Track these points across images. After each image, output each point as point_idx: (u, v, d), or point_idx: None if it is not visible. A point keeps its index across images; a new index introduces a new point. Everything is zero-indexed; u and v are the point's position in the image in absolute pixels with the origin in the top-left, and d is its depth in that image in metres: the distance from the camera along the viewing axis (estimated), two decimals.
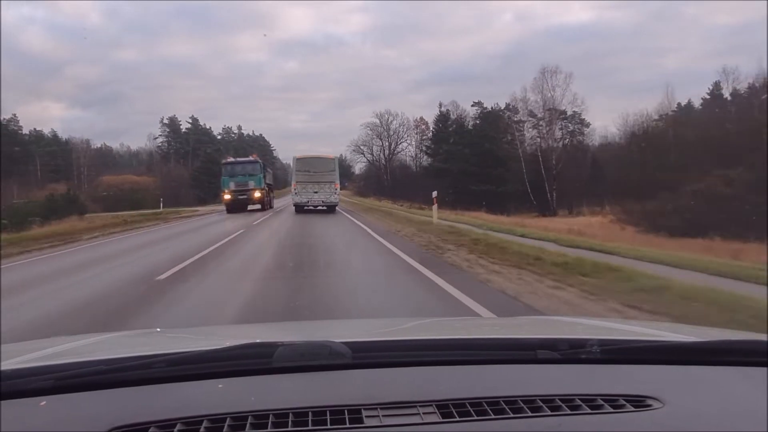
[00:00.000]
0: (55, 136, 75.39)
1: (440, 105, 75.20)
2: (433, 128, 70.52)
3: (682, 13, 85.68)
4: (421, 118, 79.73)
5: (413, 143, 79.31)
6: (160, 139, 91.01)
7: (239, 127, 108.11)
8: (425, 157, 72.64)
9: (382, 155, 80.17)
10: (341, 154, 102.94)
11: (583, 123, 56.56)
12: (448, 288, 6.38)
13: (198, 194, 63.18)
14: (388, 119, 79.49)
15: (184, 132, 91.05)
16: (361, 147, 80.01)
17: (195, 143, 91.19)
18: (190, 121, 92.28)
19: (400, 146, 79.74)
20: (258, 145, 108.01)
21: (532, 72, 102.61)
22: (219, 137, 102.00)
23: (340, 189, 26.19)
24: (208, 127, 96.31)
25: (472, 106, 70.30)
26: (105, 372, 1.08)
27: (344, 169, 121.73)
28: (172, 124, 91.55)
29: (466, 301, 5.63)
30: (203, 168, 69.30)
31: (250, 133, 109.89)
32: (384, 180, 76.03)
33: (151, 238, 16.41)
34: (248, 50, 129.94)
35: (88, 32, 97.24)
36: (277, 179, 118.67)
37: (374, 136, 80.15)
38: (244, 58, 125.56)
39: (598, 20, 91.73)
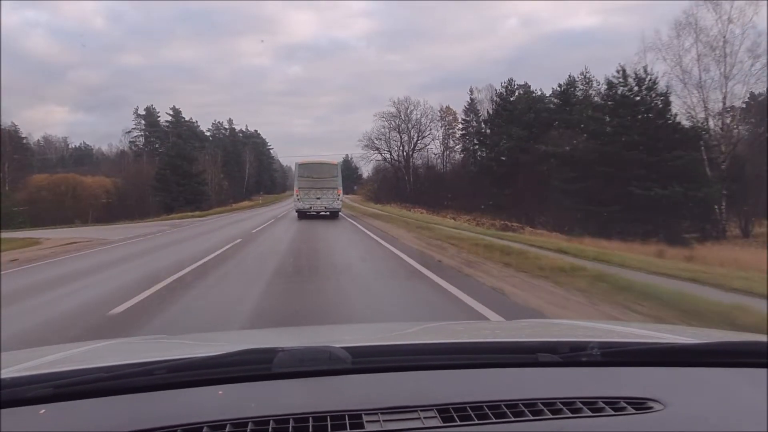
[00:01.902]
0: None
1: (471, 91, 60.57)
2: (492, 109, 54.04)
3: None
4: (448, 108, 65.17)
5: (439, 137, 64.72)
6: (134, 133, 76.35)
7: (230, 121, 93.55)
8: (477, 150, 57.75)
9: (401, 152, 65.58)
10: (347, 155, 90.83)
11: (666, 98, 33.00)
12: None
13: (163, 200, 48.34)
14: (407, 108, 64.93)
15: (164, 125, 76.52)
16: (376, 141, 65.37)
17: (176, 138, 76.74)
18: (171, 113, 77.75)
19: (422, 141, 65.21)
20: (253, 143, 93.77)
21: (536, 75, 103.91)
22: (208, 133, 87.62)
23: (350, 194, 25.14)
24: (194, 121, 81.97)
25: (516, 89, 55.74)
26: (105, 379, 1.07)
27: (351, 171, 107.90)
28: (149, 115, 76.81)
29: None
30: (170, 165, 52.88)
31: (243, 129, 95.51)
32: (406, 182, 61.37)
33: None
34: (252, 55, 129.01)
35: (89, 37, 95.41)
36: (275, 182, 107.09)
37: (391, 129, 65.57)
38: (248, 62, 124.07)
39: (604, 25, 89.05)
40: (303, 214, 23.93)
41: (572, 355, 1.19)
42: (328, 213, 23.87)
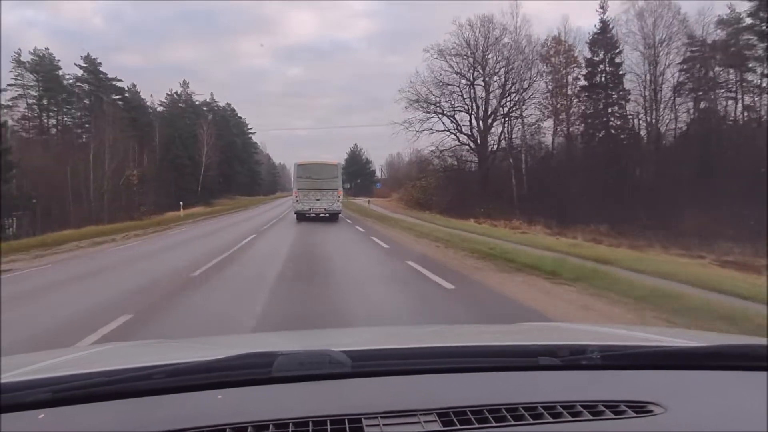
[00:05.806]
0: None
1: (602, 7, 33.19)
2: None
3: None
4: (557, 38, 36.64)
5: (553, 89, 36.26)
6: (11, 94, 41.53)
7: (185, 84, 63.02)
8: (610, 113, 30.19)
9: (475, 116, 36.90)
10: (355, 144, 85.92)
11: None
12: None
13: None
14: (487, 37, 36.37)
15: (69, 82, 47.28)
16: (424, 94, 37.02)
17: (95, 103, 47.00)
18: (84, 63, 48.33)
19: (510, 98, 36.83)
20: (225, 119, 64.59)
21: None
22: (160, 108, 58.50)
23: (362, 196, 24.01)
24: (132, 86, 52.80)
25: None
26: (103, 384, 1.06)
27: (360, 166, 79.70)
28: (42, 63, 47.39)
29: None
30: None
31: (209, 100, 66.33)
32: (512, 177, 32.61)
33: None
34: (252, 55, 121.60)
35: (88, 36, 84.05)
36: (256, 179, 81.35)
37: (454, 75, 37.02)
38: (248, 63, 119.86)
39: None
40: (302, 216, 23.42)
41: (572, 359, 1.19)
42: (327, 215, 23.37)
